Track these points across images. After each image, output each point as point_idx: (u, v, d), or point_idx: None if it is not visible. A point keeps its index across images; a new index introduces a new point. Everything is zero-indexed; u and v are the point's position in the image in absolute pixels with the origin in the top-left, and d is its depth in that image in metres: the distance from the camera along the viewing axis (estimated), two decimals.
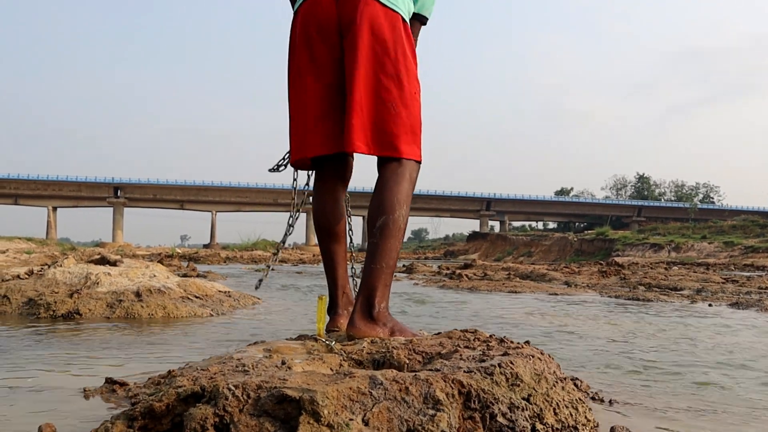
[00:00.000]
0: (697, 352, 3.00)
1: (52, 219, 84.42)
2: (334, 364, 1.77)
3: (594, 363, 2.67)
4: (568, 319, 4.34)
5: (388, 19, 2.22)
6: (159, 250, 43.43)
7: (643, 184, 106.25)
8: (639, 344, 3.23)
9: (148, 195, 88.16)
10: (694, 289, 8.31)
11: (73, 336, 3.05)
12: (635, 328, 3.93)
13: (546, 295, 6.92)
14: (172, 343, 2.89)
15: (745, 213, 79.29)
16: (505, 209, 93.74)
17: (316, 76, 2.29)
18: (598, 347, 3.11)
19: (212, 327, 3.53)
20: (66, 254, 17.99)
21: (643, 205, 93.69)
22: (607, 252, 56.64)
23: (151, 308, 3.92)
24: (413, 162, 2.25)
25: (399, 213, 2.17)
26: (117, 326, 3.43)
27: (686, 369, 2.57)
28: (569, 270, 12.51)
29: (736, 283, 9.22)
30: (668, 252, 51.03)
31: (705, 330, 3.87)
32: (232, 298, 4.85)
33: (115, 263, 9.28)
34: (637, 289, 8.56)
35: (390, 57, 2.21)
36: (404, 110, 2.21)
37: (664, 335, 3.60)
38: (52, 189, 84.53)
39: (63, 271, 4.41)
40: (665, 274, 11.56)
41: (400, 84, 2.21)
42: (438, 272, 12.81)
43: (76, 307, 3.81)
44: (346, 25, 2.23)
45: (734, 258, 40.37)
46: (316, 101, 2.29)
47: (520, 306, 5.36)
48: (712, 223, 63.66)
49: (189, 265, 12.24)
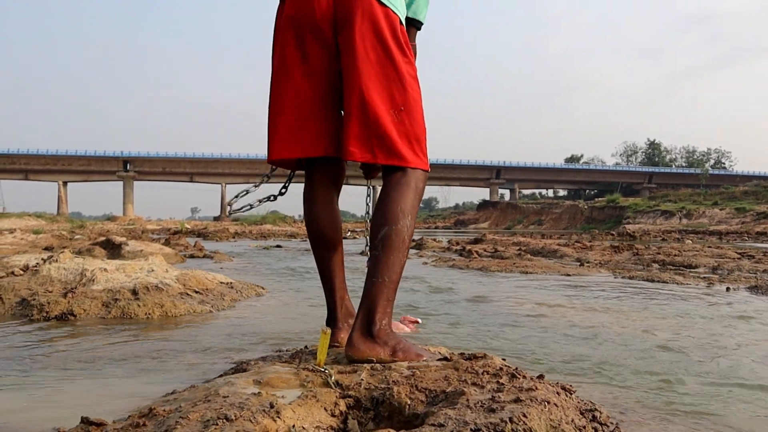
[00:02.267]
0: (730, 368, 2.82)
1: (62, 194, 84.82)
2: (329, 403, 1.61)
3: (630, 384, 2.50)
4: (588, 314, 4.17)
5: (389, 20, 2.04)
6: (169, 224, 43.65)
7: (653, 151, 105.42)
8: (679, 353, 3.05)
9: (158, 168, 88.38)
10: (709, 267, 8.12)
11: (61, 350, 2.90)
12: (667, 326, 3.75)
13: (559, 277, 6.75)
14: (164, 356, 2.74)
15: (757, 178, 78.73)
16: (515, 177, 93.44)
17: (307, 73, 2.10)
18: (627, 361, 2.93)
19: (210, 330, 3.39)
20: (74, 231, 17.95)
21: (654, 172, 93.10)
22: (618, 219, 56.46)
23: (148, 307, 3.78)
24: (419, 171, 2.07)
25: (403, 224, 2.00)
26: (111, 332, 3.28)
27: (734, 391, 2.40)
28: (581, 245, 12.33)
29: (752, 259, 9.02)
30: (679, 219, 50.75)
31: (731, 327, 3.69)
32: (234, 290, 4.70)
33: (120, 246, 9.22)
34: (651, 267, 8.39)
35: (392, 59, 2.02)
36: (407, 117, 2.03)
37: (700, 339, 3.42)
38: (62, 164, 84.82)
39: (58, 267, 4.27)
40: (679, 249, 11.35)
41: (404, 89, 2.03)
42: (448, 248, 12.66)
43: (70, 308, 3.67)
44: (342, 22, 2.04)
45: (746, 225, 40.12)
46: (305, 99, 2.11)
47: (534, 294, 5.20)
48: (724, 189, 63.20)
49: (196, 245, 12.16)
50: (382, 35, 2.01)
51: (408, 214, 2.02)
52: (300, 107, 2.11)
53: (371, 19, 2.01)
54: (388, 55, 2.02)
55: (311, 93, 2.11)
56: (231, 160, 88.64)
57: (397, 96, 2.02)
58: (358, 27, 2.01)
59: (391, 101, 2.02)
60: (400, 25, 2.08)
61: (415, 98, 2.06)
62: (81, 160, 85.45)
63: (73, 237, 14.74)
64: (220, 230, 23.00)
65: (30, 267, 4.65)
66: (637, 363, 2.64)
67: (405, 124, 2.03)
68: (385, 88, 2.02)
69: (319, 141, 2.11)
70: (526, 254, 10.21)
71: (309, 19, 2.08)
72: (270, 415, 1.49)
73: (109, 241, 9.48)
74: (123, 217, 64.59)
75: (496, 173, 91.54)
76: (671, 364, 2.62)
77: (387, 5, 2.04)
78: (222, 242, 17.09)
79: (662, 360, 2.71)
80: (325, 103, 2.12)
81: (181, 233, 19.98)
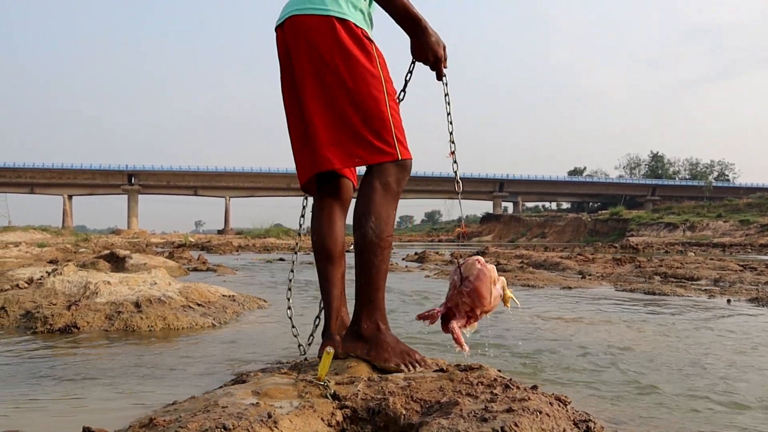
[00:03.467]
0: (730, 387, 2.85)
1: (68, 207, 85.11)
2: (326, 413, 1.64)
3: (619, 391, 2.53)
4: (588, 327, 4.20)
5: (318, 27, 2.09)
6: (173, 237, 43.69)
7: (657, 163, 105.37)
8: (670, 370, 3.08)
9: (162, 182, 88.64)
10: (711, 279, 8.13)
11: (64, 364, 2.94)
12: (667, 343, 3.78)
13: (560, 290, 6.77)
14: (166, 368, 2.78)
15: (760, 190, 78.49)
16: (518, 190, 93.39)
17: (295, 100, 2.22)
18: (627, 370, 2.96)
19: (212, 342, 3.42)
20: (78, 244, 18.00)
21: (657, 184, 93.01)
22: (621, 232, 56.34)
23: (150, 320, 3.82)
24: (386, 164, 2.11)
25: (366, 227, 2.08)
26: (113, 345, 3.32)
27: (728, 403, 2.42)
28: (583, 258, 12.34)
29: (754, 271, 9.02)
30: (683, 231, 50.60)
31: (723, 342, 3.71)
32: (236, 302, 4.74)
33: (124, 259, 9.26)
34: (653, 279, 8.40)
35: (327, 65, 2.08)
36: (357, 114, 2.07)
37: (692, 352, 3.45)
38: (67, 177, 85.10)
39: (62, 280, 4.31)
40: (681, 261, 11.35)
41: (346, 89, 2.07)
42: (450, 261, 12.67)
43: (73, 321, 3.71)
44: (289, 51, 2.19)
45: (750, 237, 39.98)
46: (298, 126, 2.24)
47: (536, 306, 5.22)
48: (727, 202, 63.09)
49: (200, 258, 12.21)
50: (315, 45, 2.08)
51: (371, 215, 2.08)
52: (297, 135, 2.25)
53: (304, 35, 2.10)
54: (323, 62, 2.07)
55: (300, 119, 2.21)
56: (235, 174, 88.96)
57: (341, 98, 2.08)
58: (294, 48, 2.13)
59: (337, 106, 2.08)
60: (339, 22, 2.09)
61: (363, 92, 2.08)
62: (86, 173, 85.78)
63: (77, 250, 14.80)
64: (223, 243, 23.08)
65: (34, 280, 4.69)
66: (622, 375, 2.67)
67: (356, 124, 2.08)
68: (328, 94, 2.08)
69: (312, 161, 2.20)
70: (528, 267, 10.23)
71: (281, 51, 2.24)
72: (267, 424, 1.52)
73: (113, 254, 9.54)
74: (127, 231, 64.79)
75: (499, 186, 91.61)
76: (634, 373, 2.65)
77: (314, 13, 2.09)
78: (225, 255, 17.14)
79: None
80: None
81: (184, 246, 20.03)
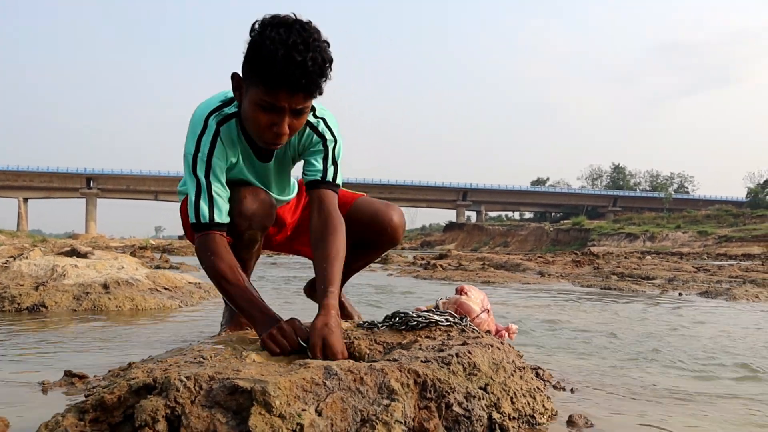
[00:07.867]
0: (666, 343, 3.03)
1: (23, 210, 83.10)
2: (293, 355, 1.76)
3: (563, 351, 2.69)
4: (536, 309, 4.37)
5: None
6: (133, 241, 42.91)
7: (618, 174, 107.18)
8: (608, 334, 3.26)
9: (122, 186, 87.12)
10: (666, 278, 8.41)
11: (36, 330, 3.00)
12: (608, 318, 3.96)
13: (520, 285, 6.95)
14: (138, 336, 2.86)
15: (719, 203, 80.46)
16: (482, 199, 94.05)
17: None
18: (569, 337, 3.13)
19: (179, 321, 3.50)
20: (36, 245, 17.69)
21: (619, 195, 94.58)
22: (582, 242, 57.20)
23: (118, 300, 3.88)
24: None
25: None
26: (82, 319, 3.38)
27: (651, 357, 2.60)
28: (543, 260, 12.60)
29: (707, 272, 9.36)
30: (643, 242, 51.63)
31: (666, 316, 3.92)
32: (202, 289, 4.81)
33: (86, 255, 9.15)
34: (610, 278, 8.65)
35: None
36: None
37: (634, 324, 3.64)
38: (22, 180, 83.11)
39: (29, 264, 4.34)
40: (638, 263, 11.70)
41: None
42: (413, 263, 12.83)
43: (41, 300, 3.76)
44: None
45: (708, 247, 40.98)
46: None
47: (495, 299, 5.39)
48: (687, 213, 64.57)
49: (162, 257, 12.16)
50: None
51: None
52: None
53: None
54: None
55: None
56: None
57: None
58: None
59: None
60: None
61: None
62: (43, 176, 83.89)
63: (33, 249, 14.56)
64: (185, 246, 22.84)
65: (0, 264, 4.70)
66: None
67: None
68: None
69: None
70: (489, 267, 10.43)
71: None
72: (239, 361, 1.63)
73: (75, 250, 9.42)
74: (85, 235, 63.38)
75: (463, 195, 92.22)
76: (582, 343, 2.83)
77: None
78: (187, 256, 17.03)
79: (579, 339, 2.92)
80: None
81: (146, 249, 19.83)
